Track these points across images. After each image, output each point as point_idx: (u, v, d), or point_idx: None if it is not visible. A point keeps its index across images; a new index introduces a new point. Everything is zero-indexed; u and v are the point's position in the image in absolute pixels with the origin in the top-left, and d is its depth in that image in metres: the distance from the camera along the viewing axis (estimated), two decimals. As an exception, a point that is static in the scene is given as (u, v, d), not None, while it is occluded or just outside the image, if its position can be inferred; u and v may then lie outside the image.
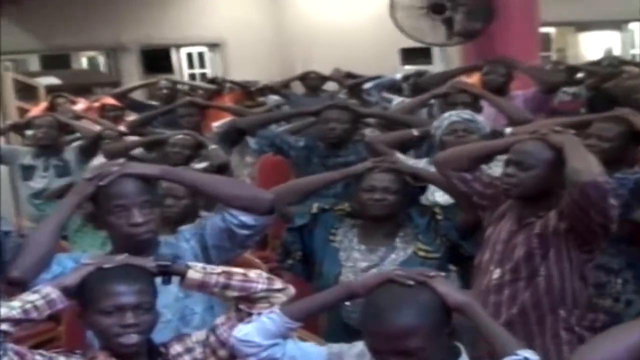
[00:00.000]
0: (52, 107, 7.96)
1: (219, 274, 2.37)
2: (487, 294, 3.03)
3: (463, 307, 2.13)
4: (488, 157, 3.34)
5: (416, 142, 4.57)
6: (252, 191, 2.87)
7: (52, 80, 10.32)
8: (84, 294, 2.28)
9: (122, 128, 6.93)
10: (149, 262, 2.36)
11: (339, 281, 3.27)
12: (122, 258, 2.34)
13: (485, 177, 3.25)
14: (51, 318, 3.94)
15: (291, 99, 8.81)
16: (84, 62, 13.18)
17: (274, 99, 9.18)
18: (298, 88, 9.80)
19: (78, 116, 7.42)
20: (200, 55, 13.36)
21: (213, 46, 13.05)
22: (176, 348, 2.39)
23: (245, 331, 2.30)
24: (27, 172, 6.27)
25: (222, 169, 4.94)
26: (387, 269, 3.24)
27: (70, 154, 6.29)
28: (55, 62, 12.39)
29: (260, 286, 2.36)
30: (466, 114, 4.25)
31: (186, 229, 2.88)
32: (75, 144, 6.47)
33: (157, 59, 12.59)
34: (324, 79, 9.37)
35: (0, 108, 8.70)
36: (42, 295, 2.21)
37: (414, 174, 3.52)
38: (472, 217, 3.34)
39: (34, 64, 12.38)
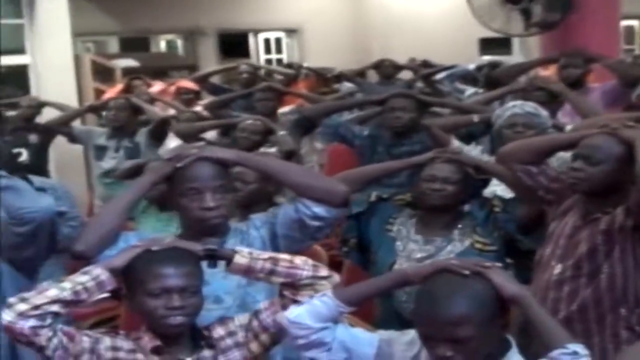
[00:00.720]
0: (128, 89, 8.06)
1: (265, 259, 2.36)
2: (546, 290, 2.96)
3: (517, 298, 2.12)
4: (555, 151, 3.26)
5: (483, 131, 4.52)
6: (328, 182, 2.80)
7: (130, 62, 10.44)
8: (131, 275, 2.29)
9: (198, 109, 7.00)
10: (196, 246, 2.36)
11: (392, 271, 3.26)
12: (170, 241, 2.35)
13: (551, 170, 3.17)
14: (114, 296, 4.05)
15: (364, 87, 8.77)
16: (162, 45, 13.31)
17: (347, 86, 9.15)
18: (374, 76, 9.76)
19: (152, 99, 7.51)
20: (278, 41, 13.41)
21: (291, 32, 13.08)
22: (219, 331, 2.39)
23: (297, 313, 2.29)
24: (100, 152, 6.41)
25: (289, 155, 4.92)
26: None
27: (141, 136, 6.37)
28: (134, 44, 12.53)
29: (305, 273, 2.35)
30: (530, 106, 4.15)
31: (258, 216, 2.84)
32: (146, 127, 6.56)
33: (234, 44, 12.66)
34: (398, 67, 9.31)
35: (77, 89, 8.80)
36: (92, 277, 2.23)
37: (476, 166, 3.47)
38: (534, 211, 3.27)
39: (114, 46, 12.54)
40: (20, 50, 8.70)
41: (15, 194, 2.75)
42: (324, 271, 2.38)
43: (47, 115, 7.27)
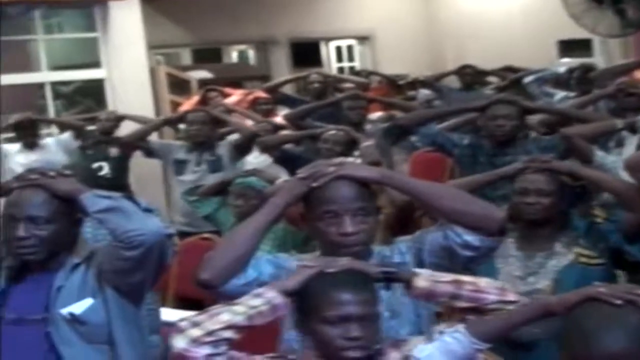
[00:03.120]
0: (204, 101, 7.96)
1: (447, 282, 2.15)
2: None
3: None
4: None
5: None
6: (482, 207, 2.42)
7: (204, 74, 10.35)
8: (305, 299, 2.11)
9: (278, 120, 6.86)
10: (372, 268, 2.17)
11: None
12: (345, 262, 2.15)
13: None
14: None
15: (444, 93, 8.55)
16: (234, 56, 13.21)
17: (424, 93, 8.93)
18: (449, 81, 9.52)
19: (228, 110, 7.38)
20: (349, 49, 13.21)
21: (362, 39, 12.88)
22: (394, 356, 2.15)
23: (428, 352, 2.09)
24: (180, 166, 6.23)
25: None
26: (545, 276, 3.08)
27: (223, 149, 6.23)
28: (206, 55, 12.46)
29: (491, 297, 2.14)
30: None
31: (403, 241, 2.56)
32: (229, 139, 6.42)
33: (306, 52, 12.51)
34: (481, 73, 9.05)
35: (154, 102, 8.72)
36: (266, 301, 2.06)
37: (571, 173, 3.25)
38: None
39: (186, 57, 12.48)
40: (95, 64, 8.68)
41: (122, 215, 2.55)
42: (511, 295, 2.17)
43: (126, 129, 7.20)
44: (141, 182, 7.43)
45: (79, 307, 2.59)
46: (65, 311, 2.59)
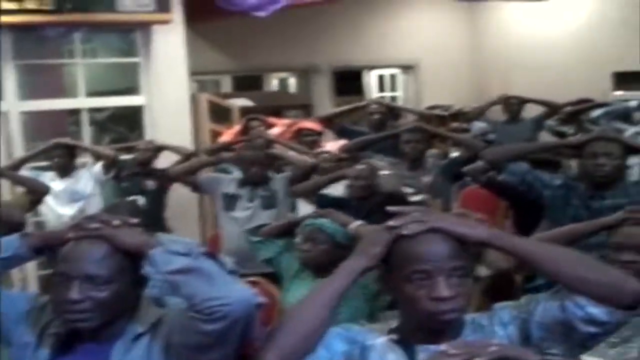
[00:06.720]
0: (245, 131, 7.59)
1: None
2: None
3: None
4: None
5: None
6: (611, 276, 2.04)
7: (245, 102, 9.99)
8: None
9: (328, 150, 6.53)
10: (530, 355, 1.74)
11: None
12: (495, 349, 1.69)
13: None
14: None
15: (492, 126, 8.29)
16: (274, 84, 12.87)
17: (479, 126, 8.58)
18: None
19: (269, 141, 6.99)
20: (392, 78, 12.83)
21: (406, 68, 12.51)
22: None
23: None
24: (230, 201, 5.87)
25: None
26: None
27: (277, 184, 5.87)
28: (246, 83, 12.14)
29: None
30: None
31: (505, 307, 2.15)
32: (284, 174, 6.10)
33: (348, 81, 12.17)
34: (526, 102, 8.78)
35: (193, 130, 8.32)
36: None
37: None
38: None
39: (226, 85, 12.14)
40: (133, 90, 8.33)
41: (203, 278, 2.05)
42: None
43: (164, 160, 6.86)
44: (175, 216, 7.03)
45: None
46: None
